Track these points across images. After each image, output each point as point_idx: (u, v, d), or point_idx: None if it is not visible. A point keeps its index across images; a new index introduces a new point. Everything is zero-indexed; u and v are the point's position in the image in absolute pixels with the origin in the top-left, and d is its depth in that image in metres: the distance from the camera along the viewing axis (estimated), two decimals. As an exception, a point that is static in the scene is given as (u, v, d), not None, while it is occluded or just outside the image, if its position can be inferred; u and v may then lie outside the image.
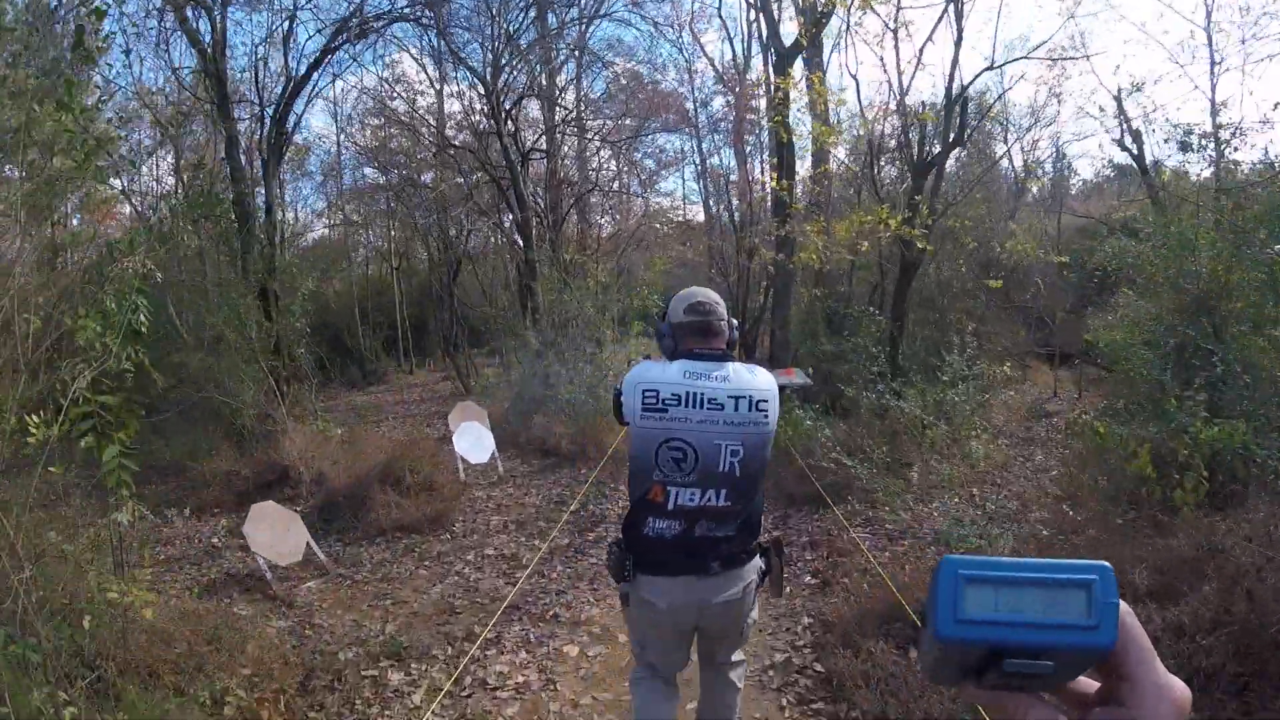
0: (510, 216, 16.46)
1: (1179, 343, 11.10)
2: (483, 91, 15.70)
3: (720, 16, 39.17)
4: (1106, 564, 0.63)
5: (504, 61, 15.74)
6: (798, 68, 12.97)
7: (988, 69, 12.03)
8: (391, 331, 23.90)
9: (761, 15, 16.01)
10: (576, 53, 19.74)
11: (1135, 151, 17.92)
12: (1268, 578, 4.33)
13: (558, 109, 18.98)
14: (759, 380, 2.96)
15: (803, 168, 15.54)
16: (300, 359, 13.11)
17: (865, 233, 11.26)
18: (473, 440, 10.27)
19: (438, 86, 20.30)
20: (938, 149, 11.88)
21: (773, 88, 11.90)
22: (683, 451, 2.88)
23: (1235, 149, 11.62)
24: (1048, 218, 22.99)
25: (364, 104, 22.11)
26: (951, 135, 11.48)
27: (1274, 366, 8.96)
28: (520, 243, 15.45)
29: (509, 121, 15.91)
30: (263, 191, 14.27)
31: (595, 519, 8.55)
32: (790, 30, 12.79)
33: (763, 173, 23.60)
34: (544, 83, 18.61)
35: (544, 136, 18.16)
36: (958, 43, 11.41)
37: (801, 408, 10.45)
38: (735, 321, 3.19)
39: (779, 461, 9.01)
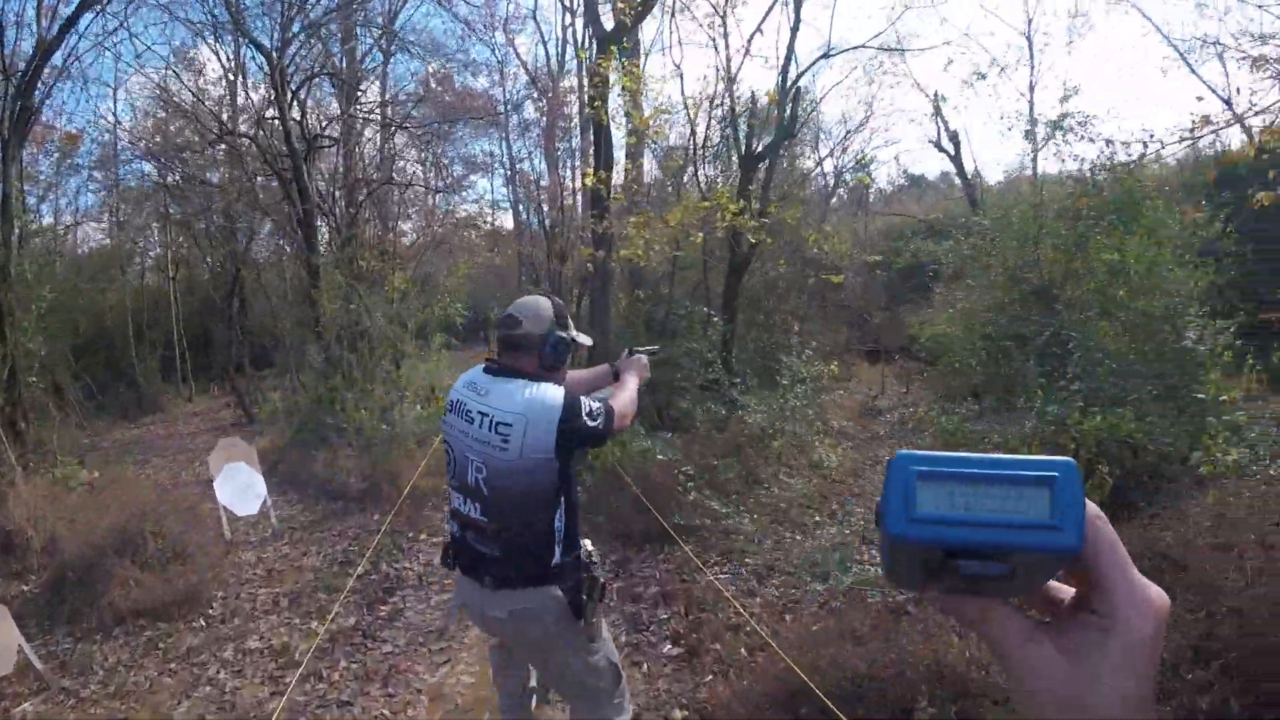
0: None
1: (1028, 333, 10.42)
2: (267, 70, 13.24)
3: (535, 20, 37.51)
4: (1071, 460, 0.57)
5: (293, 33, 13.35)
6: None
7: (823, 56, 11.00)
8: (169, 352, 20.39)
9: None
10: (383, 40, 17.41)
11: (953, 153, 17.44)
12: (1257, 586, 3.85)
13: (359, 100, 16.60)
14: (513, 401, 2.73)
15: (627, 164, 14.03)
16: (35, 387, 10.50)
17: (698, 223, 9.79)
18: (239, 486, 8.10)
19: (231, 77, 17.77)
20: (767, 141, 10.63)
21: (588, 74, 10.32)
22: (450, 456, 2.91)
23: (1078, 139, 10.96)
24: (855, 220, 22.70)
25: (148, 89, 19.28)
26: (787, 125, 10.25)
27: (1128, 351, 8.38)
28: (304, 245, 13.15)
29: (294, 103, 13.61)
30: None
31: (390, 584, 6.72)
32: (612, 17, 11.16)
33: (573, 178, 23.08)
34: (342, 65, 16.25)
35: (335, 122, 15.74)
36: (795, 28, 10.26)
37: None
38: (566, 337, 2.93)
39: (609, 492, 7.57)
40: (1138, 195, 9.85)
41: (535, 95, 23.85)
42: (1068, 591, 0.65)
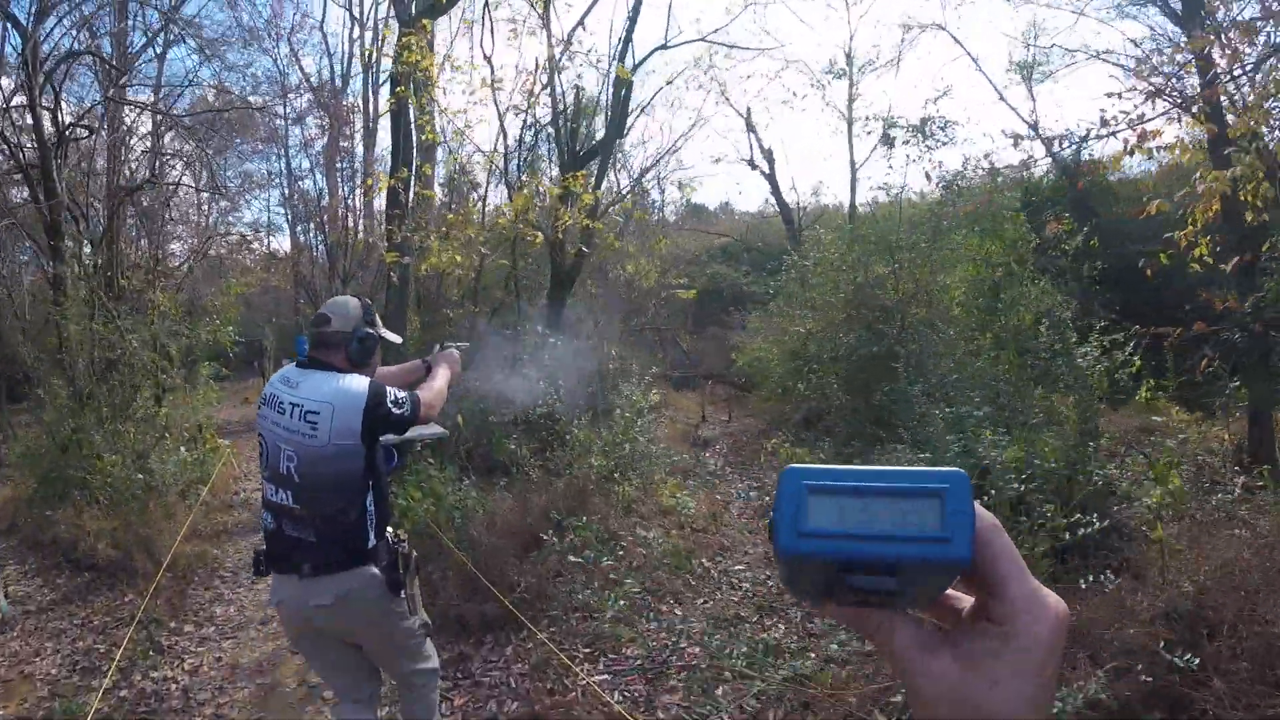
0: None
1: (875, 353, 9.69)
2: (19, 48, 10.68)
3: (323, 31, 34.59)
4: (961, 471, 0.55)
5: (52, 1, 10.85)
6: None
7: (660, 48, 9.80)
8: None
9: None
10: (162, 30, 14.78)
11: (768, 170, 16.68)
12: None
13: (124, 87, 13.85)
14: (321, 391, 2.88)
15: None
16: None
17: (531, 222, 8.29)
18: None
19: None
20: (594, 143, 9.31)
21: (396, 53, 8.62)
22: (262, 448, 2.97)
23: (942, 144, 10.44)
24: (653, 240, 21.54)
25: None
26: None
27: (1003, 370, 7.76)
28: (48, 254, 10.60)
29: (48, 87, 11.07)
30: None
31: (148, 705, 4.88)
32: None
33: (356, 198, 21.93)
34: (111, 50, 13.62)
35: (95, 110, 13.05)
36: (635, 13, 9.00)
37: (438, 466, 7.38)
38: (370, 332, 3.09)
39: (425, 561, 6.00)
40: (1005, 204, 9.31)
41: (318, 111, 21.90)
42: (967, 601, 0.63)
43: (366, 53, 21.63)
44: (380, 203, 20.82)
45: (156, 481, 8.28)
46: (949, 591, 0.64)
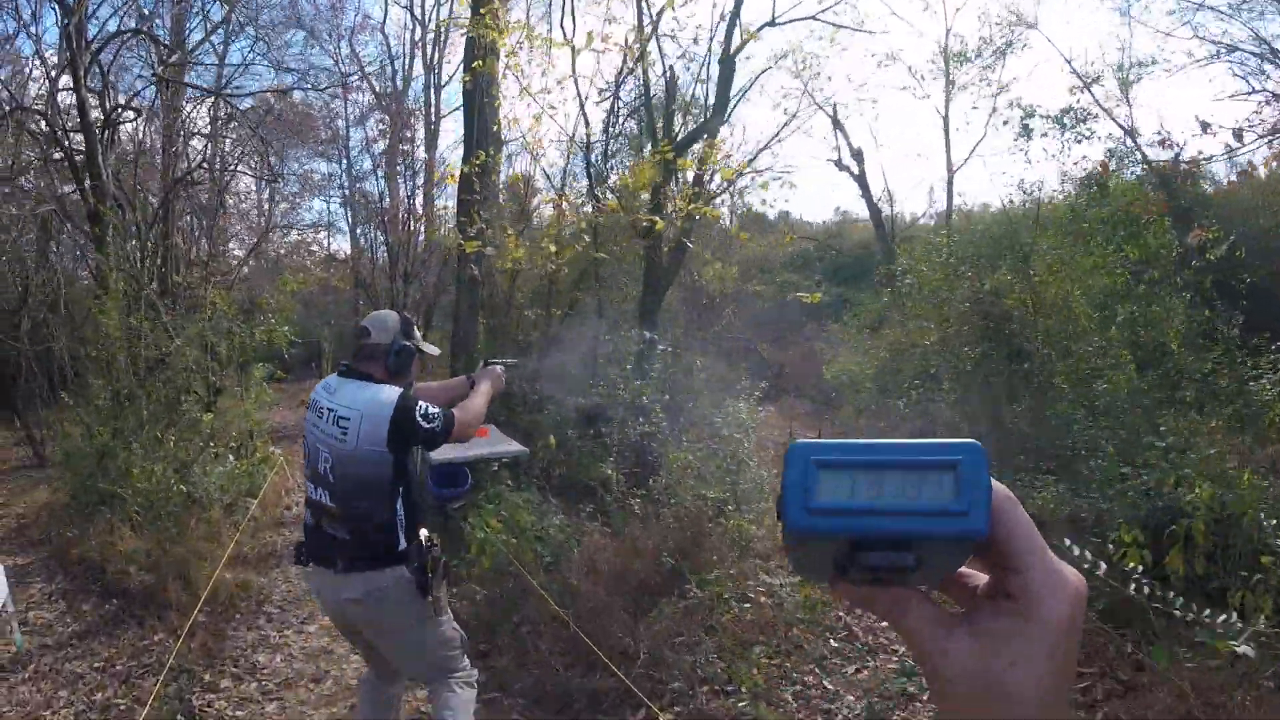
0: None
1: (997, 373, 8.45)
2: (61, 18, 9.82)
3: (384, 33, 33.58)
4: (975, 442, 0.52)
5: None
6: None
7: (769, 24, 8.52)
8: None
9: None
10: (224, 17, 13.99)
11: (857, 171, 15.30)
12: None
13: (179, 66, 12.90)
14: (354, 400, 2.98)
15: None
16: None
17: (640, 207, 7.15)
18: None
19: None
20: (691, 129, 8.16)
21: (472, 26, 7.53)
22: (306, 449, 3.10)
23: (1085, 136, 9.21)
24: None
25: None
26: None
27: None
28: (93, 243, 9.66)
29: (94, 68, 10.20)
30: None
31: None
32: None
33: (414, 197, 21.19)
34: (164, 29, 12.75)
35: (145, 91, 12.15)
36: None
37: (516, 489, 6.32)
38: (407, 345, 3.14)
39: (510, 607, 5.15)
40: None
41: (379, 112, 21.64)
42: (982, 578, 0.60)
43: (428, 53, 21.40)
44: (443, 201, 20.36)
45: (200, 495, 7.28)
46: (963, 569, 0.60)
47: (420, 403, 2.98)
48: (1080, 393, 7.42)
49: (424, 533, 3.11)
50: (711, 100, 8.45)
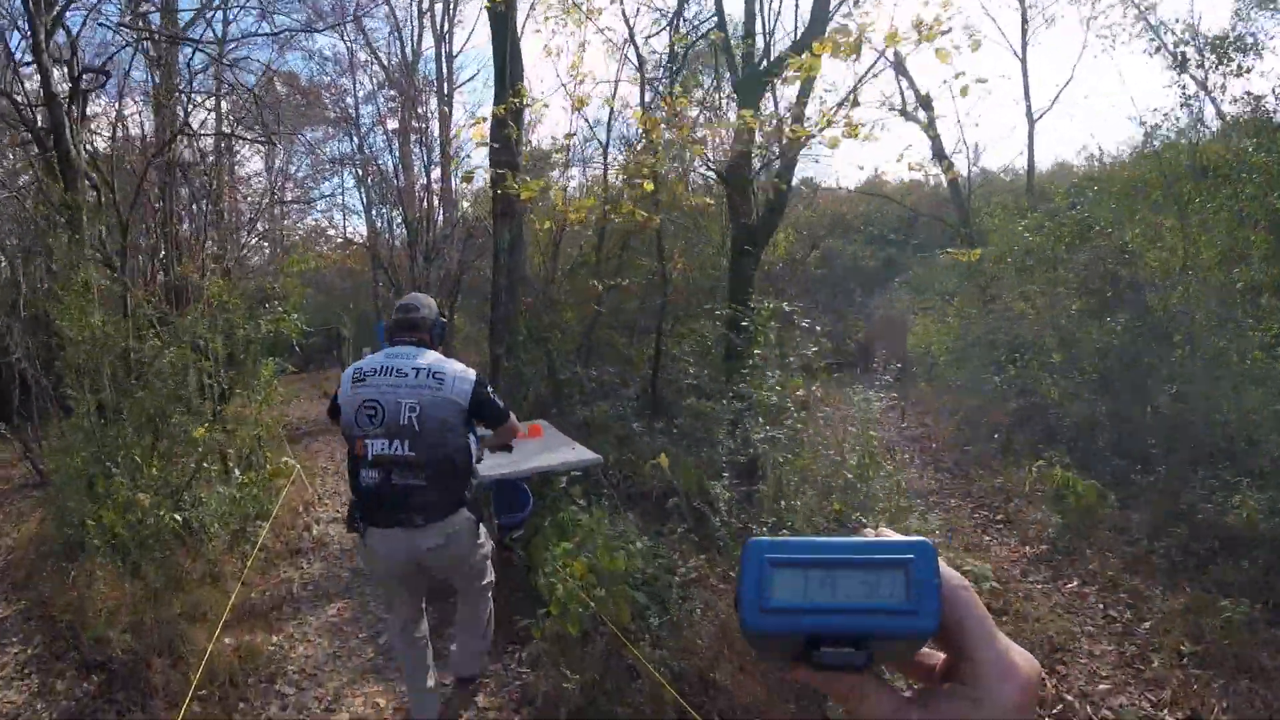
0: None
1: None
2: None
3: (390, 5, 31.75)
4: (925, 540, 0.54)
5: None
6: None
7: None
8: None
9: None
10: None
11: (925, 121, 13.48)
12: None
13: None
14: (444, 362, 3.40)
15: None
16: None
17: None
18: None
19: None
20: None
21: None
22: (374, 409, 3.26)
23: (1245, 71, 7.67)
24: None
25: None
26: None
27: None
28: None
29: (57, 27, 8.70)
30: None
31: None
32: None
33: (428, 177, 20.06)
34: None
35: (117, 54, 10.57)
36: None
37: (586, 506, 4.88)
38: (444, 321, 3.69)
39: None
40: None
41: (389, 89, 20.54)
42: (939, 656, 0.61)
43: (438, 22, 21.11)
44: (457, 182, 19.03)
45: (195, 527, 5.87)
46: (922, 649, 0.60)
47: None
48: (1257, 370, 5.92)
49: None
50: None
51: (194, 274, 8.60)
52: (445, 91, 22.19)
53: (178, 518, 5.85)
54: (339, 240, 23.06)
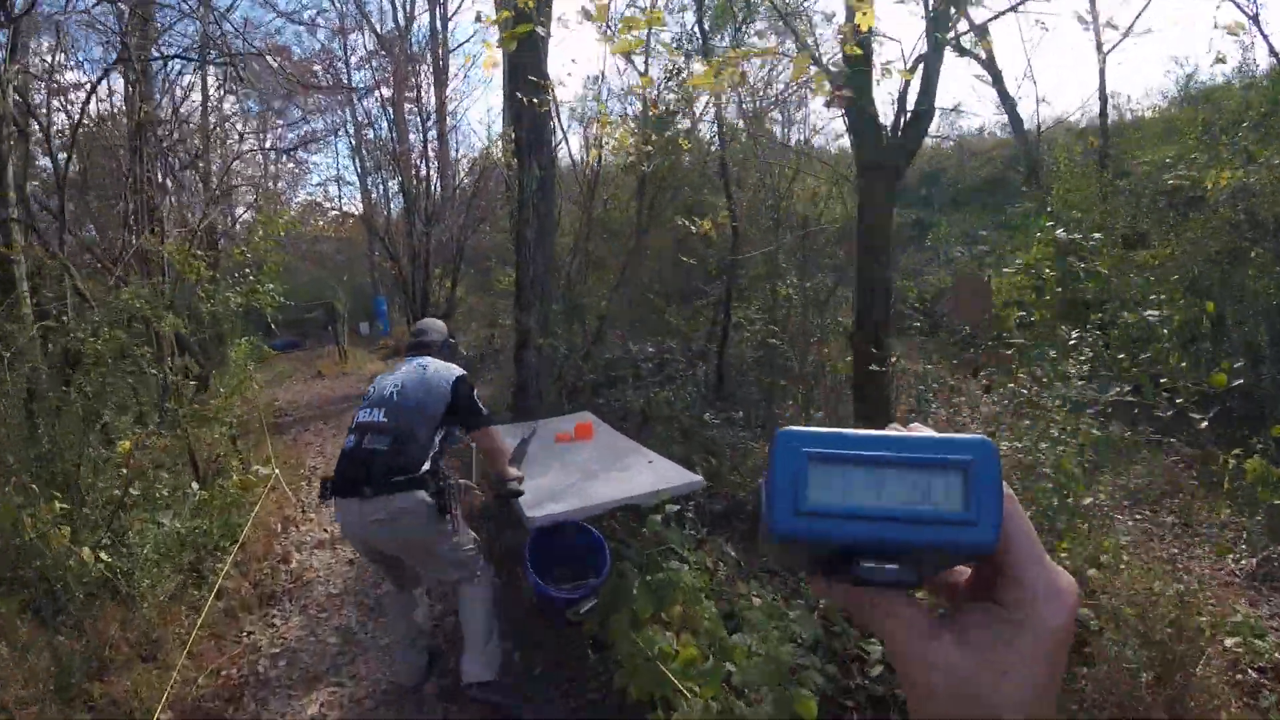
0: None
1: None
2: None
3: None
4: (987, 439, 0.46)
5: None
6: None
7: None
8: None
9: None
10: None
11: (984, 58, 11.62)
12: None
13: None
14: (435, 361, 3.54)
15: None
16: None
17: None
18: None
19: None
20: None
21: None
22: (368, 393, 3.46)
23: None
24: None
25: None
26: None
27: None
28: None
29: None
30: None
31: None
32: None
33: (425, 145, 17.58)
34: None
35: None
36: None
37: (682, 540, 3.15)
38: (453, 342, 3.90)
39: None
40: None
41: (382, 53, 18.64)
42: (963, 573, 0.54)
43: None
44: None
45: (134, 580, 4.18)
46: None
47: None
48: None
49: (441, 467, 3.33)
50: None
51: (153, 242, 6.76)
52: (440, 55, 20.52)
53: (104, 559, 4.14)
54: (335, 213, 21.38)
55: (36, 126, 7.04)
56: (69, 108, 8.50)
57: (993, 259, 10.40)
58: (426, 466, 3.21)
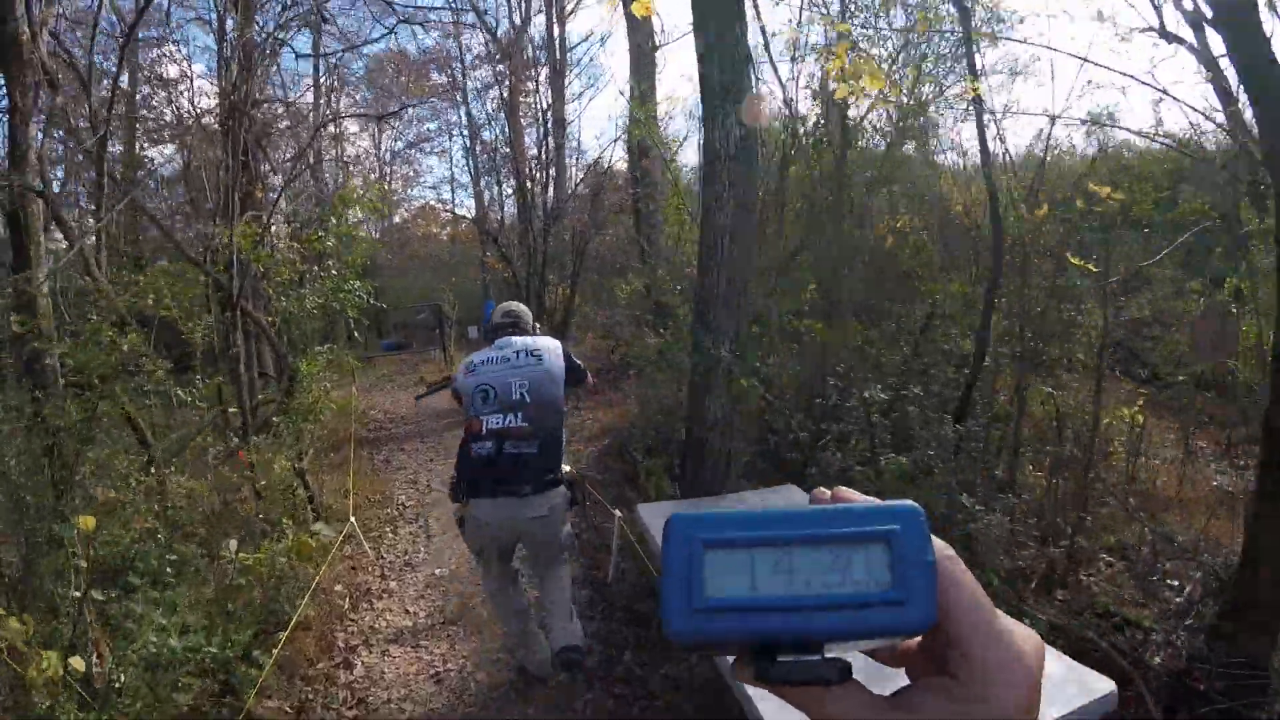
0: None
1: None
2: None
3: None
4: (912, 504, 0.40)
5: None
6: None
7: None
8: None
9: None
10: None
11: (1194, 40, 9.17)
12: None
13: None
14: (537, 340, 3.49)
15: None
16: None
17: None
18: None
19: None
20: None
21: None
22: (486, 392, 3.32)
23: None
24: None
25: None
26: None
27: None
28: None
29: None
30: None
31: None
32: None
33: (544, 144, 16.90)
34: None
35: None
36: None
37: None
38: (539, 326, 3.79)
39: None
40: None
41: (497, 56, 17.93)
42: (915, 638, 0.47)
43: None
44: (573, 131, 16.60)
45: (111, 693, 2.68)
46: None
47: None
48: None
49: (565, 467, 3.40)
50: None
51: (225, 232, 5.31)
52: (558, 58, 19.54)
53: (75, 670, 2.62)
54: (449, 217, 21.48)
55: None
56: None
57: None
58: (565, 467, 3.38)
